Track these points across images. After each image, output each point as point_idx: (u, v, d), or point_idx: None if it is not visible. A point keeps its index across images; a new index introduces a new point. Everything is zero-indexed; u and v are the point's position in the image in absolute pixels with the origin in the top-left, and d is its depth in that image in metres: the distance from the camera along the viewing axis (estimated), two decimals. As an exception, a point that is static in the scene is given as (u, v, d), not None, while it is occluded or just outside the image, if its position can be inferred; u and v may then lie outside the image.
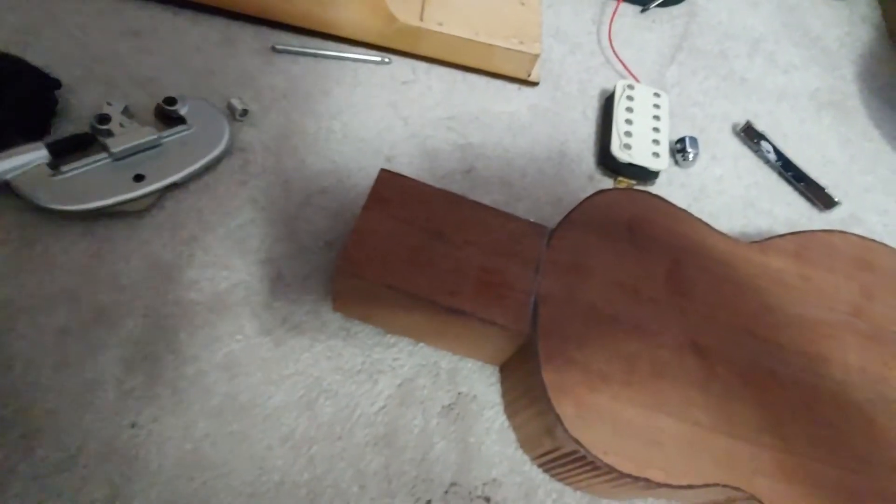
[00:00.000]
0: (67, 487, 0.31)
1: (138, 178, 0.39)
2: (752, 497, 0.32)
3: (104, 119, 0.39)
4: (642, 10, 0.63)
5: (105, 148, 0.39)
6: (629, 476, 0.31)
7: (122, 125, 0.39)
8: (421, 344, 0.40)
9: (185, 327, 0.37)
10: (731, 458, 0.33)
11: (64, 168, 0.37)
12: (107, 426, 0.33)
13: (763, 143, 0.55)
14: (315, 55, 0.50)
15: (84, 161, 0.38)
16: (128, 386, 0.34)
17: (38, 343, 0.34)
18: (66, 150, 0.38)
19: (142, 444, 0.33)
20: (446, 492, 0.35)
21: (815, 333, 0.39)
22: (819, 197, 0.54)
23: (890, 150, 0.62)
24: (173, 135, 0.41)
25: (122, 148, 0.39)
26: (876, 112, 0.65)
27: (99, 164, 0.38)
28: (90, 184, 0.38)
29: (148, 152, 0.40)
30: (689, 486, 0.32)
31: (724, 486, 0.32)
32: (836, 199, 0.53)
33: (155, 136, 0.40)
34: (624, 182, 0.50)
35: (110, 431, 0.33)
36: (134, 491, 0.32)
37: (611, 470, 0.31)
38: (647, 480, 0.31)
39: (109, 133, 0.39)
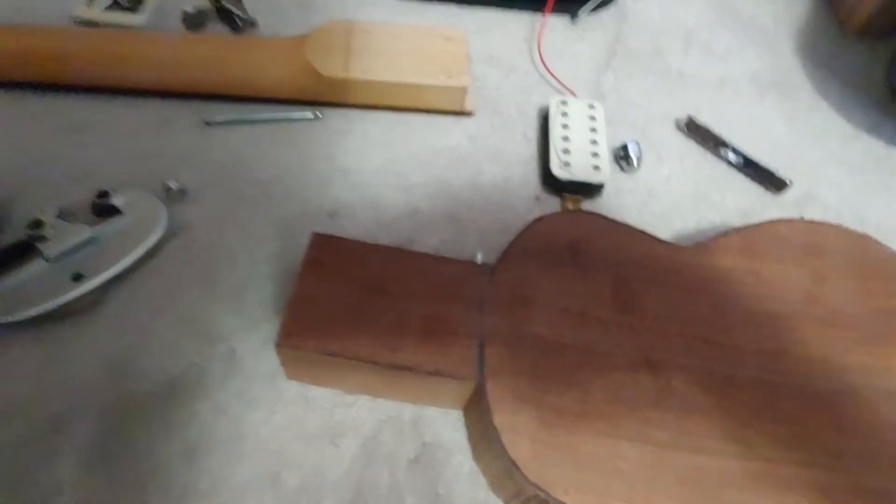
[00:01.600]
0: None
1: (77, 277, 0.39)
2: (722, 513, 0.32)
3: (37, 224, 0.40)
4: (573, 20, 0.64)
5: (40, 253, 0.39)
6: (593, 512, 0.31)
7: (54, 228, 0.40)
8: (381, 399, 0.39)
9: (140, 421, 0.37)
10: (696, 475, 0.33)
11: (2, 280, 0.38)
12: (69, 536, 0.33)
13: (708, 134, 0.55)
14: (250, 122, 0.51)
15: (21, 269, 0.38)
16: (86, 493, 0.34)
17: (-6, 461, 0.34)
18: (2, 263, 0.39)
19: (107, 548, 0.33)
20: (421, 548, 0.35)
21: (770, 329, 0.38)
22: (770, 181, 0.54)
23: (838, 118, 0.62)
24: (109, 228, 0.41)
25: (56, 250, 0.39)
26: (820, 83, 0.64)
27: (35, 269, 0.39)
28: (30, 291, 0.38)
29: (86, 249, 0.40)
30: (657, 512, 0.31)
31: (693, 506, 0.32)
32: (786, 181, 0.53)
33: (89, 233, 0.40)
34: (570, 199, 0.50)
35: (73, 541, 0.33)
36: None
37: (573, 508, 0.31)
38: (610, 514, 0.31)
39: (43, 238, 0.39)
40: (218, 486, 0.35)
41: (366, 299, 0.36)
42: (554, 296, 0.38)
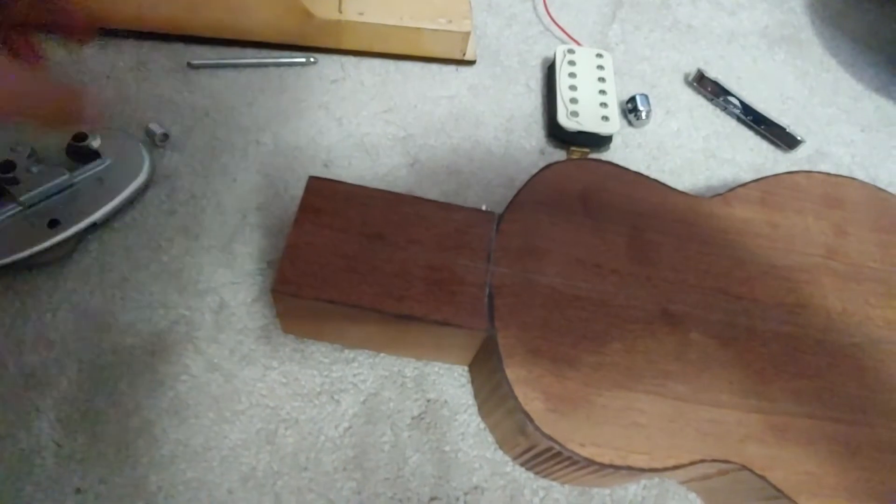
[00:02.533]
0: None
1: (53, 223, 0.36)
2: (744, 467, 0.30)
3: (8, 166, 0.36)
4: (576, -30, 0.61)
5: (13, 197, 0.36)
6: (610, 466, 0.29)
7: (28, 170, 0.36)
8: (382, 354, 0.37)
9: (125, 376, 0.34)
10: (716, 428, 0.31)
11: (-31, 226, 0.35)
12: (49, 497, 0.30)
13: (718, 89, 0.53)
14: (235, 66, 0.48)
15: (-10, 214, 0.35)
16: (68, 450, 0.32)
17: (-36, 418, 0.32)
18: (-30, 207, 0.35)
19: (90, 509, 0.31)
20: (426, 507, 0.33)
21: (790, 282, 0.37)
22: (781, 137, 0.52)
23: (848, 77, 0.60)
24: (87, 172, 0.38)
25: (30, 194, 0.36)
26: (830, 41, 0.62)
27: (8, 214, 0.36)
28: (2, 238, 0.35)
29: (62, 195, 0.37)
30: (676, 467, 0.30)
31: (713, 460, 0.30)
32: (798, 138, 0.51)
33: (66, 177, 0.37)
34: (577, 152, 0.48)
35: (53, 502, 0.30)
36: (87, 561, 0.30)
37: (590, 462, 0.29)
38: (629, 468, 0.29)
39: (15, 181, 0.36)
40: (211, 443, 0.33)
41: (367, 246, 0.34)
42: (565, 246, 0.36)
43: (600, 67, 0.50)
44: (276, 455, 0.33)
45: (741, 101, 0.53)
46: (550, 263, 0.35)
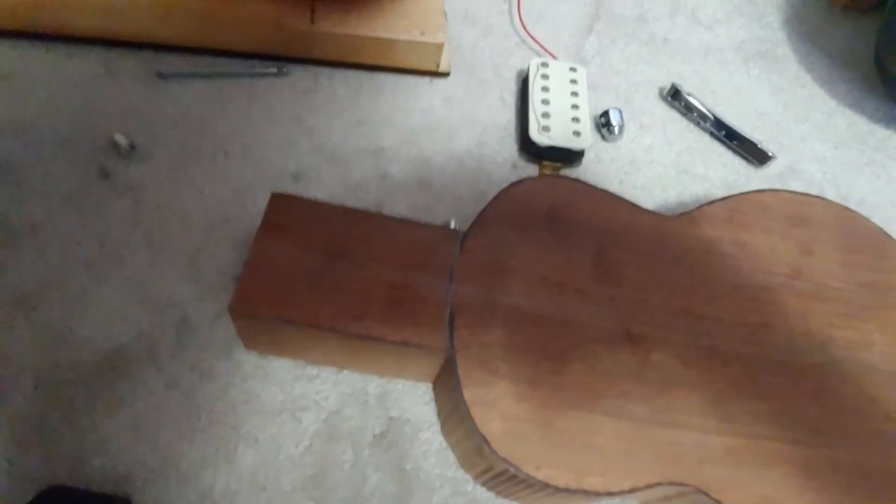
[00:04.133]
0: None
1: None
2: (699, 490, 0.30)
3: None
4: (554, -18, 0.61)
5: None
6: (565, 490, 0.29)
7: None
8: (345, 371, 0.37)
9: (82, 393, 0.34)
10: (674, 450, 0.31)
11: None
12: (-2, 518, 0.30)
13: (692, 104, 0.53)
14: (206, 75, 0.47)
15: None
16: (21, 469, 0.31)
17: (-87, 436, 0.31)
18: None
19: (41, 530, 0.30)
20: (385, 528, 0.33)
21: (754, 301, 0.37)
22: (753, 153, 0.52)
23: (823, 94, 0.60)
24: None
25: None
26: (806, 57, 0.63)
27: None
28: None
29: None
30: (632, 490, 0.30)
31: (669, 483, 0.30)
32: (770, 154, 0.52)
33: None
34: (549, 167, 0.48)
35: (2, 523, 0.30)
36: (35, 584, 0.29)
37: (545, 486, 0.29)
38: (584, 491, 0.29)
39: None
40: (169, 462, 0.33)
41: (328, 264, 0.33)
42: (530, 264, 0.36)
43: (574, 81, 0.50)
44: (234, 474, 0.33)
45: (715, 117, 0.53)
46: (514, 282, 0.35)
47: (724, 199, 0.41)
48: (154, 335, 0.36)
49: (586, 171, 0.49)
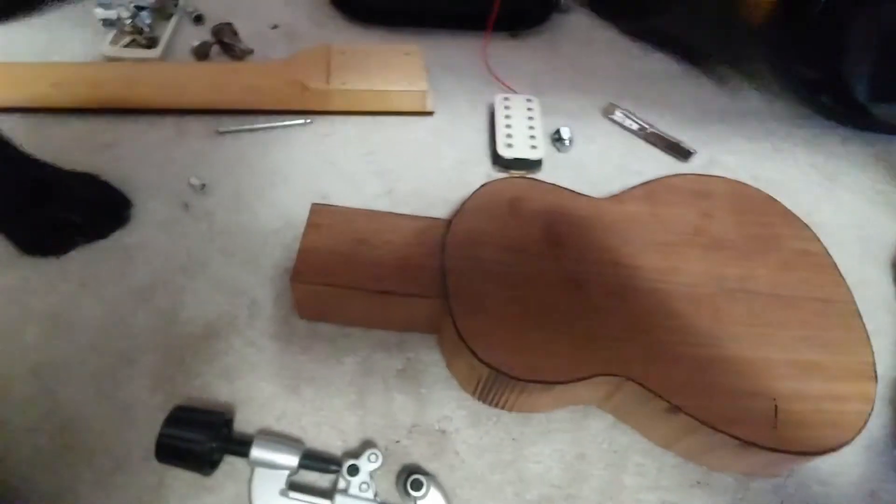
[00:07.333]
0: (121, 484, 0.42)
1: (131, 251, 0.50)
2: (629, 379, 0.43)
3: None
4: (511, 36, 0.77)
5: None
6: (533, 381, 0.42)
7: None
8: (373, 330, 0.51)
9: (189, 354, 0.48)
10: (609, 354, 0.44)
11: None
12: (146, 435, 0.43)
13: (627, 117, 0.68)
14: (252, 129, 0.63)
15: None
16: (154, 403, 0.45)
17: (79, 385, 0.45)
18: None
19: (172, 442, 0.44)
20: (410, 431, 0.46)
21: (665, 253, 0.50)
22: (678, 151, 0.66)
23: (736, 101, 0.75)
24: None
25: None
26: (723, 70, 0.78)
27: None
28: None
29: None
30: (579, 379, 0.43)
31: (606, 374, 0.43)
32: (691, 151, 0.66)
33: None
34: (516, 174, 0.62)
35: (149, 437, 0.43)
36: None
37: (519, 379, 0.42)
38: (544, 382, 0.42)
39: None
40: (252, 395, 0.46)
41: (354, 247, 0.48)
42: (497, 238, 0.49)
43: (530, 109, 0.65)
44: (300, 401, 0.46)
45: (645, 124, 0.67)
46: (487, 251, 0.49)
47: (643, 183, 0.55)
48: (233, 313, 0.50)
49: (546, 176, 0.63)
